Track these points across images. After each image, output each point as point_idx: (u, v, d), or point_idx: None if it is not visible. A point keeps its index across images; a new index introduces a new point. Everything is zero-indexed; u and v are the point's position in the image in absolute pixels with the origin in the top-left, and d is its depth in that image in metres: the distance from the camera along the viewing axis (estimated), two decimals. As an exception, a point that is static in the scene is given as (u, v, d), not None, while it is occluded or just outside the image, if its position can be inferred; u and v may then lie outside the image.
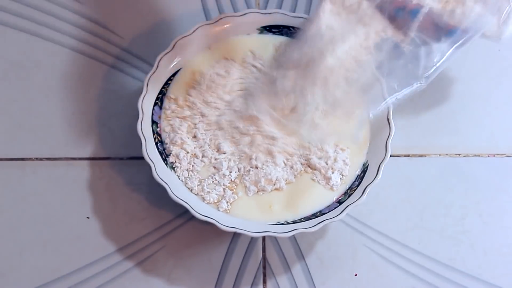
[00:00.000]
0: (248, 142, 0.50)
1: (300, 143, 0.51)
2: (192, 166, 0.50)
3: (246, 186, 0.49)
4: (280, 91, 0.49)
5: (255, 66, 0.54)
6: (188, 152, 0.50)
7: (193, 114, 0.52)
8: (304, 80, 0.47)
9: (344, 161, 0.50)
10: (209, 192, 0.49)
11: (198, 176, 0.49)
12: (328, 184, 0.49)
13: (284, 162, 0.50)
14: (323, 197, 0.49)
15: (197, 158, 0.50)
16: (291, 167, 0.50)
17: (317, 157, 0.50)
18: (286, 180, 0.49)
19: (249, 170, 0.50)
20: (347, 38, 0.44)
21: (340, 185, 0.49)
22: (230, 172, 0.49)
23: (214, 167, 0.50)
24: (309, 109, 0.47)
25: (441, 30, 0.43)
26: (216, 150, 0.50)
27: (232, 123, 0.51)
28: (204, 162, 0.50)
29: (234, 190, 0.49)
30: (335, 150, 0.51)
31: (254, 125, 0.50)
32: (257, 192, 0.49)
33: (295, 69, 0.47)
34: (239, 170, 0.50)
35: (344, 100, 0.46)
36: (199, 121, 0.51)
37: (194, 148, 0.50)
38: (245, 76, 0.53)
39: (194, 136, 0.51)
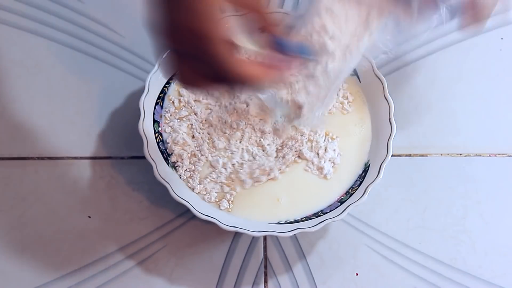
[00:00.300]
0: (239, 136, 0.51)
1: (290, 134, 0.51)
2: (194, 166, 0.50)
3: (242, 180, 0.49)
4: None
5: None
6: (188, 152, 0.50)
7: (188, 113, 0.52)
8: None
9: (334, 150, 0.51)
10: (210, 191, 0.49)
11: (199, 175, 0.50)
12: (322, 174, 0.50)
13: (276, 153, 0.50)
14: (320, 188, 0.50)
15: (196, 157, 0.50)
16: (283, 157, 0.50)
17: (308, 147, 0.51)
18: (279, 170, 0.50)
19: (242, 164, 0.50)
20: (349, 18, 0.43)
21: (333, 174, 0.50)
22: (225, 168, 0.50)
23: (211, 165, 0.50)
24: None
25: (441, 2, 0.42)
26: (212, 147, 0.51)
27: (221, 119, 0.51)
28: (203, 161, 0.50)
29: (232, 186, 0.49)
30: (324, 140, 0.51)
31: (243, 118, 0.51)
32: (253, 183, 0.49)
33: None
34: (233, 165, 0.50)
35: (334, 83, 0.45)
36: (195, 120, 0.52)
37: (195, 147, 0.50)
38: None
39: (193, 136, 0.51)
